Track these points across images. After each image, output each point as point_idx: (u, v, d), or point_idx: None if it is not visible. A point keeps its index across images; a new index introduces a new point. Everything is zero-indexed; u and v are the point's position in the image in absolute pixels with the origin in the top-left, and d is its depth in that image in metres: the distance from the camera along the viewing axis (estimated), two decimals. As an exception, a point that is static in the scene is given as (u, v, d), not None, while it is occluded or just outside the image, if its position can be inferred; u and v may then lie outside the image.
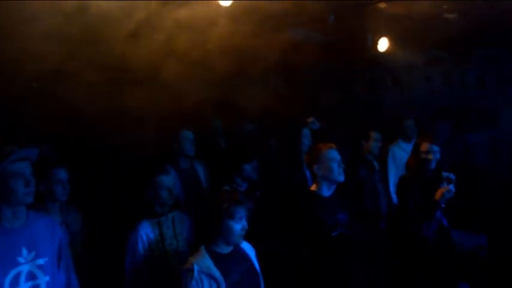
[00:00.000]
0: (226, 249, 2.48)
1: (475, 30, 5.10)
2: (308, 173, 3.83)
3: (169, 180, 2.94)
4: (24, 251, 2.11)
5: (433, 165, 3.62)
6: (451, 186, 3.40)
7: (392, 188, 4.58)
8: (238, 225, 2.42)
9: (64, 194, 3.01)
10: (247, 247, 2.62)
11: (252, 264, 2.57)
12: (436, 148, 3.61)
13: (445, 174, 3.46)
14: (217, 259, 2.42)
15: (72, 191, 3.04)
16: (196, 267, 2.34)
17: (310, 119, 4.31)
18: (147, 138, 3.91)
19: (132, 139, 3.85)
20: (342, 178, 3.04)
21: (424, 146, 3.63)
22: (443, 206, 3.43)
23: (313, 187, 3.11)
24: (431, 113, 5.97)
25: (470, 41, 5.58)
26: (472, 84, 6.08)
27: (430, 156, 3.60)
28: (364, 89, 6.26)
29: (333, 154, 3.03)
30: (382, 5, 4.77)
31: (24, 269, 2.10)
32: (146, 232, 2.86)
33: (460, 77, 6.12)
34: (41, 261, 2.16)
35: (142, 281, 2.83)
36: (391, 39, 5.41)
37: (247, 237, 2.58)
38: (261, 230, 3.21)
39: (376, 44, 5.31)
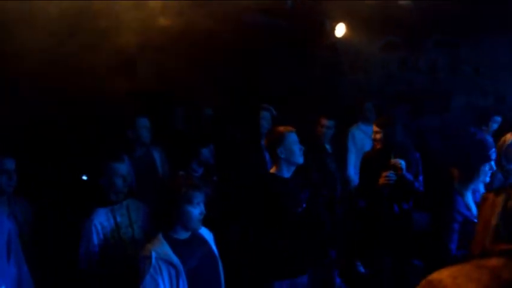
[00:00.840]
0: (184, 235, 2.44)
1: (428, 17, 5.22)
2: (267, 156, 3.84)
3: (123, 167, 2.87)
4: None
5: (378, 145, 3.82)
6: (391, 174, 3.58)
7: (352, 169, 4.71)
8: (196, 210, 2.38)
9: (10, 185, 2.89)
10: (205, 232, 2.60)
11: (211, 249, 2.55)
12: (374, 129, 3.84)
13: (393, 160, 3.57)
14: (176, 245, 2.38)
15: (20, 181, 2.90)
16: (154, 254, 2.29)
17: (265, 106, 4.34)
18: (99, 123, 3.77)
19: (83, 125, 3.71)
20: (301, 160, 3.11)
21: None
22: (386, 189, 3.61)
23: (273, 169, 3.14)
24: (388, 98, 6.10)
25: (424, 28, 5.71)
26: (425, 69, 6.24)
27: (376, 137, 3.80)
28: (322, 73, 6.30)
29: (294, 137, 3.10)
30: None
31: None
32: (100, 221, 2.79)
33: (414, 62, 6.26)
34: (-11, 254, 2.04)
35: (97, 270, 2.75)
36: (348, 25, 5.47)
37: (205, 222, 2.55)
38: (219, 214, 3.21)
39: (334, 29, 5.35)
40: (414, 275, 3.75)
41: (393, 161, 3.60)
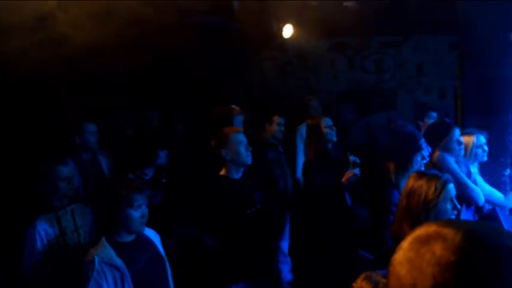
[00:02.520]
0: (128, 238, 2.43)
1: (373, 18, 5.41)
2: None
3: (67, 170, 2.82)
4: None
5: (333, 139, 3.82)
6: (357, 170, 3.60)
7: (300, 168, 4.77)
8: (138, 213, 2.37)
9: None
10: (152, 233, 2.60)
11: (157, 251, 2.55)
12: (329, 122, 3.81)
13: (352, 158, 3.65)
14: (120, 248, 2.37)
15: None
16: (97, 258, 2.28)
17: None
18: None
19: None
20: (249, 160, 3.09)
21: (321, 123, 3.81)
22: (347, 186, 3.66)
23: (223, 171, 3.12)
24: (336, 97, 6.28)
25: (369, 28, 5.92)
26: (371, 69, 6.47)
27: (326, 131, 3.78)
28: (272, 74, 6.40)
29: (239, 137, 3.06)
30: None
31: None
32: (44, 228, 2.73)
33: (360, 62, 6.47)
34: None
35: (43, 278, 2.70)
36: (295, 26, 5.58)
37: (153, 224, 2.56)
38: (169, 216, 3.21)
39: (281, 30, 5.45)
40: (364, 267, 3.89)
41: (353, 159, 3.62)
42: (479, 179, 3.58)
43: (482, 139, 3.66)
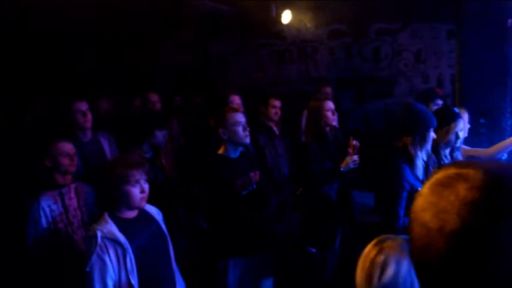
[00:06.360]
0: (130, 214, 2.45)
1: (370, 5, 5.43)
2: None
3: (69, 146, 2.84)
4: None
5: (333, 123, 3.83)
6: (356, 157, 3.62)
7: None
8: (136, 189, 2.38)
9: None
10: (154, 210, 2.63)
11: (159, 227, 2.58)
12: (332, 106, 3.81)
13: (354, 141, 3.65)
14: (122, 224, 2.39)
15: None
16: (99, 234, 2.30)
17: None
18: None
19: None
20: (247, 141, 3.11)
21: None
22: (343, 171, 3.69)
23: (221, 150, 3.15)
24: (333, 84, 6.29)
25: (368, 15, 5.94)
26: (368, 56, 6.49)
27: (327, 114, 3.76)
28: (272, 61, 6.41)
29: (237, 117, 3.07)
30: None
31: None
32: (49, 204, 2.76)
33: (358, 49, 6.49)
34: None
35: (47, 254, 2.74)
36: (294, 13, 5.59)
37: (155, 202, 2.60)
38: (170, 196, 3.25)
39: (280, 16, 5.46)
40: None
41: (354, 143, 3.62)
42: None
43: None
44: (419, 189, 2.78)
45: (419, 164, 2.94)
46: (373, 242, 1.41)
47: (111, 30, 4.84)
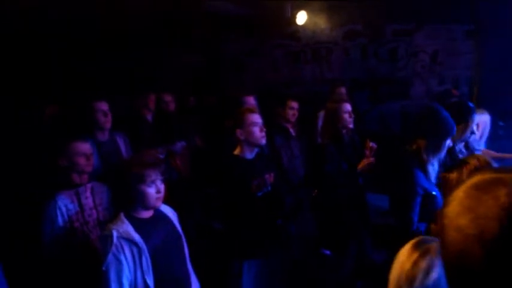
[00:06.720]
0: (145, 214, 2.45)
1: (386, 5, 5.38)
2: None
3: (86, 146, 2.85)
4: None
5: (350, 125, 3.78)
6: (373, 159, 3.56)
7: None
8: (152, 189, 2.37)
9: None
10: (169, 211, 2.62)
11: (174, 228, 2.57)
12: (349, 108, 3.76)
13: (371, 144, 3.59)
14: (137, 224, 2.39)
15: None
16: (115, 233, 2.30)
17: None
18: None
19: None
20: (263, 142, 3.10)
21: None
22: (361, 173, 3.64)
23: (236, 151, 3.14)
24: (349, 85, 6.25)
25: (383, 16, 5.88)
26: (384, 57, 6.43)
27: (344, 116, 3.72)
28: (287, 62, 6.39)
29: (254, 118, 3.06)
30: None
31: None
32: (65, 203, 2.76)
33: (373, 50, 6.43)
34: None
35: (62, 253, 2.74)
36: (309, 14, 5.56)
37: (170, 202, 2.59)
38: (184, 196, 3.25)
39: (295, 17, 5.44)
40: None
41: (372, 144, 3.57)
42: None
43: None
44: (433, 193, 2.73)
45: (431, 170, 2.85)
46: (411, 244, 1.38)
47: (123, 29, 4.86)
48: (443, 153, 2.88)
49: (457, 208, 0.76)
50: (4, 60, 4.10)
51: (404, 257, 1.34)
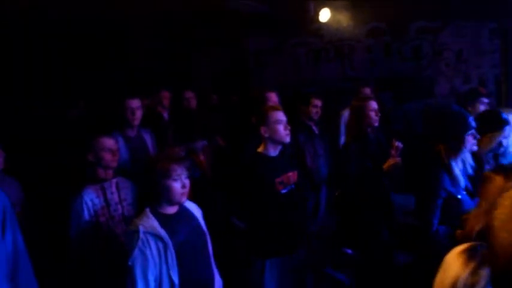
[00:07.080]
0: (170, 210, 2.46)
1: (410, 2, 5.30)
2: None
3: (111, 142, 2.88)
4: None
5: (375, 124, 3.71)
6: (399, 159, 3.50)
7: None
8: (177, 184, 2.38)
9: None
10: (194, 207, 2.63)
11: (199, 224, 2.58)
12: (375, 106, 3.68)
13: (397, 143, 3.52)
14: (163, 220, 2.40)
15: (8, 158, 2.91)
16: (141, 228, 2.32)
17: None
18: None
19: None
20: (287, 139, 3.07)
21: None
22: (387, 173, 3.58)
23: (260, 148, 3.13)
24: (372, 84, 6.17)
25: (408, 14, 5.80)
26: (408, 55, 6.34)
27: (370, 114, 3.64)
28: (309, 60, 6.36)
29: (278, 116, 3.04)
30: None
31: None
32: (91, 198, 2.80)
33: (397, 48, 6.35)
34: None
35: (88, 247, 2.78)
36: (332, 11, 5.53)
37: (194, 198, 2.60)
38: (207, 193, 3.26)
39: (318, 14, 5.40)
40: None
41: (397, 144, 3.51)
42: None
43: None
44: (458, 197, 2.67)
45: (457, 171, 2.78)
46: (461, 252, 1.34)
47: (148, 27, 4.90)
48: (464, 154, 2.79)
49: (509, 210, 0.74)
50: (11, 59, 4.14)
51: (456, 265, 1.31)
